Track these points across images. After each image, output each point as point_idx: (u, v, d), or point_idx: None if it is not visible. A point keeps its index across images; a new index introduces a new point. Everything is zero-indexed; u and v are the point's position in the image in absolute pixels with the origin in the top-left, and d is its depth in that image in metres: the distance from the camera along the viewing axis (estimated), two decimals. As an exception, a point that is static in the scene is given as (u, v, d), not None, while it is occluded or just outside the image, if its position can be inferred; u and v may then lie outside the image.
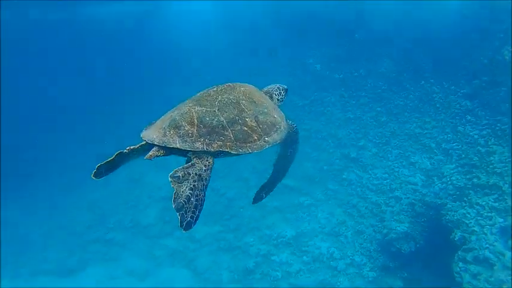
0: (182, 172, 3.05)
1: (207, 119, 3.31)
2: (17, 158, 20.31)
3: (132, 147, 3.37)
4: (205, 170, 3.15)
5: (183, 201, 2.89)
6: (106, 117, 22.19)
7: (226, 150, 3.21)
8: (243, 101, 3.60)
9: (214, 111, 3.39)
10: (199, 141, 3.17)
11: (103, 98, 23.40)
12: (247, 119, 3.46)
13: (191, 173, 3.07)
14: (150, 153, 3.25)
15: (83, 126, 21.91)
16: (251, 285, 11.59)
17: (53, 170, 19.27)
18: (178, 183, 3.00)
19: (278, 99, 4.38)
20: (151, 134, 3.34)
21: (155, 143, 3.23)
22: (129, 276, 12.98)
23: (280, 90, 4.41)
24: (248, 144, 3.33)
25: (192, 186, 2.99)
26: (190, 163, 3.18)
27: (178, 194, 2.95)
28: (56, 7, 21.18)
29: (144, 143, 3.38)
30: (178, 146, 3.14)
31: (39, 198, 17.64)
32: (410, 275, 10.91)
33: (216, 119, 3.32)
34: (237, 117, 3.41)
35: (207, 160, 3.21)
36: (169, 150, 3.30)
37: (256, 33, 21.21)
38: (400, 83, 14.77)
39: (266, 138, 3.47)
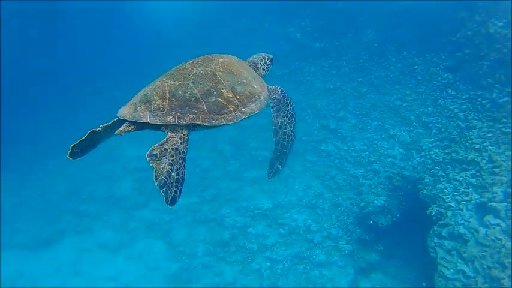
0: (159, 149, 2.98)
1: (180, 92, 3.25)
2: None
3: (104, 124, 3.28)
4: (181, 142, 3.09)
5: (165, 177, 2.85)
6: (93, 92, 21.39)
7: (199, 122, 3.14)
8: (220, 72, 3.52)
9: (188, 84, 3.32)
10: (171, 114, 3.10)
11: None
12: (223, 90, 3.38)
13: (168, 148, 3.00)
14: (120, 129, 3.18)
15: (60, 96, 21.10)
16: (226, 258, 11.47)
17: (30, 137, 18.57)
18: (156, 161, 2.94)
19: (264, 69, 4.37)
20: (123, 110, 3.26)
21: (126, 118, 3.16)
22: (101, 249, 12.73)
23: (265, 59, 4.40)
24: (223, 116, 3.25)
25: (170, 161, 2.94)
26: (165, 139, 3.09)
27: (158, 171, 2.90)
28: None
29: (116, 119, 3.30)
30: (148, 120, 3.08)
31: (14, 167, 17.03)
32: (386, 249, 10.97)
33: (189, 92, 3.25)
34: (212, 89, 3.33)
35: (182, 132, 3.15)
36: (141, 126, 3.23)
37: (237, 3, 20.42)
38: (382, 54, 14.45)
39: (243, 109, 3.39)
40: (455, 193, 9.85)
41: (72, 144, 3.21)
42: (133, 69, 20.77)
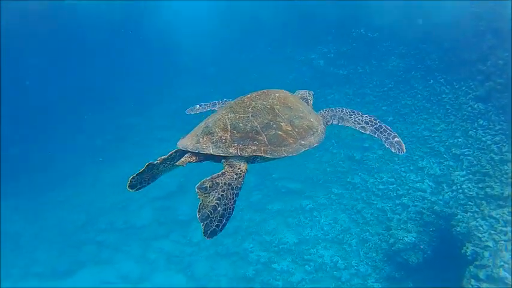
0: (210, 182, 2.93)
1: (241, 124, 3.27)
2: (6, 153, 19.50)
3: (163, 157, 3.30)
4: (236, 178, 3.04)
5: (209, 211, 2.78)
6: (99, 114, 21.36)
7: (261, 154, 3.14)
8: (277, 106, 3.54)
9: (248, 117, 3.35)
10: (233, 146, 3.12)
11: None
12: (281, 124, 3.39)
13: (220, 182, 2.95)
14: (182, 159, 3.25)
15: (74, 122, 21.07)
16: (251, 295, 11.12)
17: (44, 166, 18.55)
18: (205, 194, 2.88)
19: (311, 103, 4.46)
20: (185, 141, 3.32)
21: (188, 149, 3.21)
22: (122, 281, 12.45)
23: (311, 95, 4.52)
24: (283, 148, 3.25)
25: (219, 196, 2.87)
26: (220, 172, 3.06)
27: (204, 204, 2.83)
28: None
29: (175, 150, 3.34)
30: (211, 151, 3.11)
31: (29, 196, 16.94)
32: (417, 286, 10.47)
33: (249, 125, 3.28)
34: (271, 122, 3.35)
35: (239, 168, 3.11)
36: (203, 157, 3.27)
37: (259, 29, 20.35)
38: (407, 82, 14.10)
39: (302, 142, 3.39)
40: (492, 231, 9.37)
41: (131, 176, 3.21)
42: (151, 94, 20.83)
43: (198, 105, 4.98)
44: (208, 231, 2.72)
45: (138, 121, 19.72)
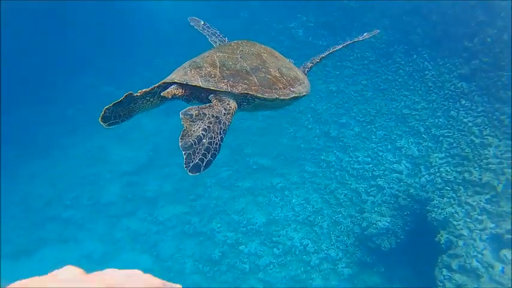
0: (196, 111, 2.76)
1: (230, 63, 3.15)
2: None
3: (144, 90, 3.04)
4: (224, 113, 2.88)
5: (193, 140, 2.57)
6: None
7: (252, 93, 3.00)
8: (265, 54, 3.43)
9: (237, 57, 3.24)
10: (223, 82, 2.96)
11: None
12: (270, 69, 3.28)
13: (207, 113, 2.78)
14: (168, 90, 3.00)
15: (46, 92, 19.82)
16: (216, 278, 10.59)
17: (13, 138, 17.38)
18: (190, 121, 2.69)
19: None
20: (170, 75, 3.12)
21: (175, 80, 3.00)
22: (85, 260, 11.79)
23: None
24: (274, 90, 3.13)
25: (205, 127, 2.68)
26: (207, 104, 2.90)
27: (188, 132, 2.63)
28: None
29: (159, 83, 3.08)
30: (200, 84, 2.92)
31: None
32: (389, 271, 10.18)
33: (239, 64, 3.16)
34: (259, 66, 3.24)
35: (228, 104, 2.96)
36: (189, 91, 3.07)
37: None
38: (390, 55, 13.31)
39: (291, 89, 3.29)
40: (468, 219, 9.02)
41: (106, 106, 2.93)
42: (126, 64, 19.64)
43: (202, 22, 4.82)
44: (191, 164, 2.50)
45: (111, 90, 18.69)
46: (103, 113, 2.95)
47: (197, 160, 2.54)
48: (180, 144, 2.53)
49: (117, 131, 15.81)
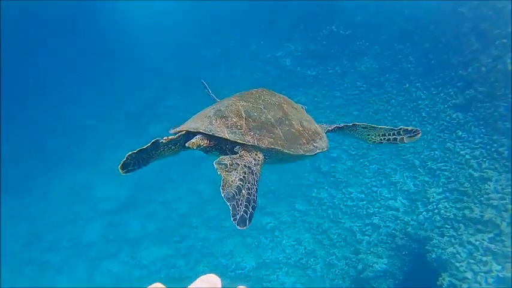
0: (229, 161, 2.65)
1: (255, 114, 3.04)
2: None
3: (170, 137, 2.91)
4: (255, 163, 2.78)
5: (234, 191, 2.46)
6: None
7: (279, 148, 2.88)
8: (285, 105, 3.35)
9: (261, 108, 3.13)
10: (249, 134, 2.85)
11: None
12: (293, 122, 3.19)
13: (240, 164, 2.67)
14: (193, 140, 2.88)
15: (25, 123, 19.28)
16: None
17: None
18: (226, 171, 2.56)
19: None
20: (194, 123, 2.97)
21: (200, 130, 2.86)
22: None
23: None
24: (299, 146, 3.03)
25: (242, 177, 2.56)
26: (237, 155, 2.80)
27: (227, 182, 2.51)
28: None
29: (184, 132, 2.94)
30: (226, 136, 2.80)
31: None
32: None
33: (264, 116, 3.05)
34: (283, 118, 3.14)
35: (257, 154, 2.87)
36: (213, 142, 2.94)
37: (220, 25, 18.72)
38: (381, 85, 12.77)
39: (314, 144, 3.21)
40: (471, 260, 8.36)
41: (130, 152, 2.77)
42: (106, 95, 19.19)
43: (208, 89, 4.74)
44: (237, 217, 2.41)
45: (94, 123, 18.13)
46: (125, 159, 2.79)
47: (242, 212, 2.44)
48: (222, 195, 2.45)
49: (100, 167, 15.20)
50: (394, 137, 3.63)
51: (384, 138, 3.70)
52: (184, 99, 16.82)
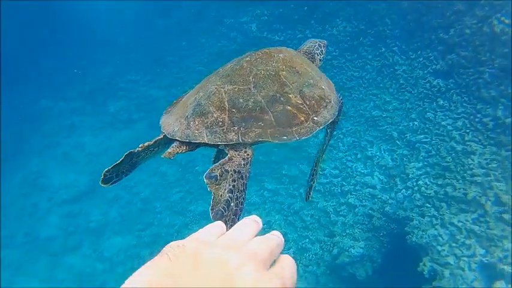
0: (219, 170, 2.36)
1: (241, 100, 2.55)
2: None
3: (146, 144, 2.60)
4: (244, 164, 2.46)
5: (223, 208, 2.24)
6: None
7: (267, 139, 2.45)
8: (283, 72, 2.74)
9: (249, 88, 2.61)
10: (233, 131, 2.44)
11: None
12: (290, 95, 2.65)
13: (229, 170, 2.39)
14: (169, 151, 2.54)
15: None
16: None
17: None
18: (216, 184, 2.32)
19: (320, 59, 3.51)
20: (172, 124, 2.58)
21: (176, 137, 2.50)
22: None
23: (321, 47, 3.52)
24: (294, 129, 2.53)
25: (231, 187, 2.34)
26: (226, 157, 2.47)
27: (216, 199, 2.29)
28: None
29: (161, 136, 2.63)
30: (205, 140, 2.43)
31: None
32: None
33: (252, 99, 2.55)
34: (277, 95, 2.62)
35: (245, 151, 2.51)
36: (193, 145, 2.58)
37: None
38: (355, 49, 11.73)
39: (315, 118, 2.63)
40: (453, 244, 7.77)
41: (105, 170, 2.49)
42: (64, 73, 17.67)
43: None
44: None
45: (49, 104, 16.74)
46: (103, 176, 2.54)
47: (228, 227, 1.94)
48: (211, 216, 2.20)
49: (57, 152, 14.05)
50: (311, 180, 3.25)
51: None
52: (145, 73, 15.56)
